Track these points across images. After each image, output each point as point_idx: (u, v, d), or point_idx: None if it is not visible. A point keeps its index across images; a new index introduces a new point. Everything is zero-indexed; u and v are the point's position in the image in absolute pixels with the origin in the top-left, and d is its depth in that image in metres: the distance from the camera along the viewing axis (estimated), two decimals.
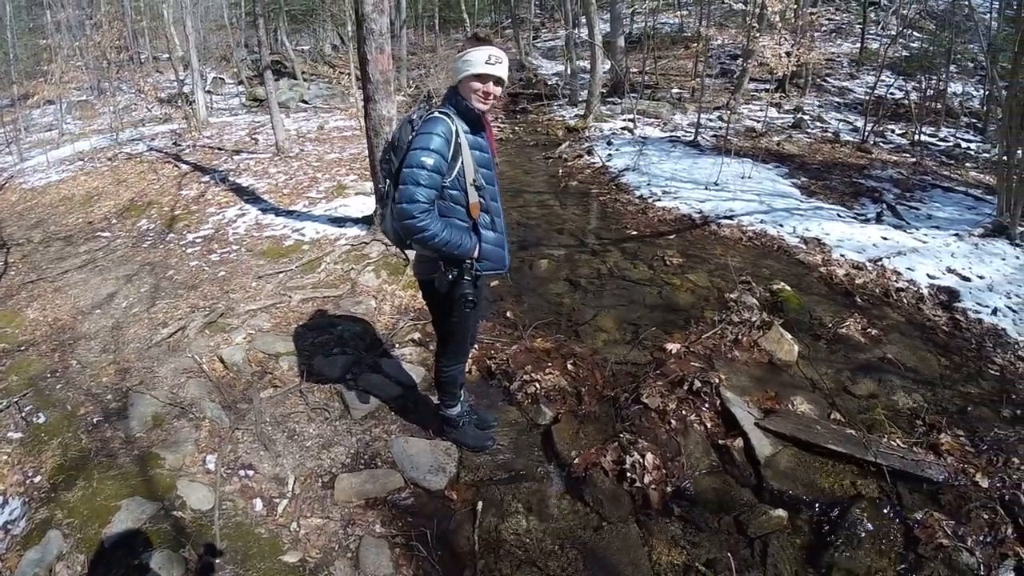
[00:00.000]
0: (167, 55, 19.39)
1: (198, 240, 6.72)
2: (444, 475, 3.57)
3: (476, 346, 4.65)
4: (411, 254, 3.84)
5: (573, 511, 3.40)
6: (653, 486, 3.51)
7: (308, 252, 6.19)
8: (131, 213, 7.85)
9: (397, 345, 4.81)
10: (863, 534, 3.28)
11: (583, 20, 15.91)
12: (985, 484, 3.59)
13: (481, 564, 3.07)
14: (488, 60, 2.77)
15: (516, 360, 4.59)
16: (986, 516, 3.39)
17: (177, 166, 9.63)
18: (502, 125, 13.94)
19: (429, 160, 2.70)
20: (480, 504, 3.37)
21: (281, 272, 5.77)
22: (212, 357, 4.51)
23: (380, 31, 5.67)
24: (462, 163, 2.82)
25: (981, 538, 3.28)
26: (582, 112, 13.90)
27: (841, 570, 3.10)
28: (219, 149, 10.62)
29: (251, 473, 3.53)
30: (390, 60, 5.83)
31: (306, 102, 16.03)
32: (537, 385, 4.27)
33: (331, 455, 3.72)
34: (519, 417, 4.09)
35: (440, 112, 2.80)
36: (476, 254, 2.96)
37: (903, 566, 3.14)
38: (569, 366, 4.50)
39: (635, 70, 16.25)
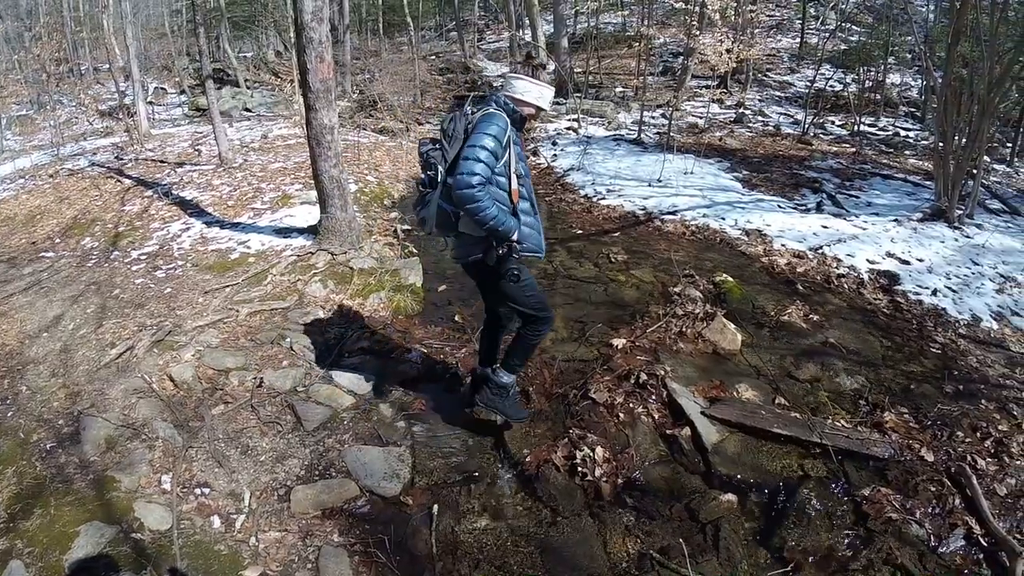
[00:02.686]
0: (108, 66, 18.87)
1: (143, 257, 6.58)
2: (399, 481, 3.59)
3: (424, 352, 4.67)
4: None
5: (527, 508, 3.45)
6: (604, 478, 3.57)
7: (254, 264, 6.10)
8: (75, 231, 7.64)
9: (347, 354, 4.80)
10: (812, 513, 3.40)
11: (527, 22, 15.95)
12: (931, 458, 3.74)
13: (440, 566, 3.10)
14: (550, 101, 3.46)
15: (466, 364, 4.62)
16: (933, 489, 3.53)
17: (120, 181, 9.39)
18: None
19: (490, 143, 3.09)
20: (436, 507, 3.40)
21: (228, 286, 5.68)
22: (162, 376, 4.44)
23: (320, 40, 5.63)
24: (509, 154, 3.22)
25: (929, 510, 3.41)
26: None
27: (793, 548, 3.20)
28: (162, 162, 10.38)
29: (207, 491, 3.51)
30: (330, 69, 5.79)
31: (249, 110, 15.75)
32: None
33: (285, 468, 3.70)
34: (471, 419, 4.10)
35: (496, 110, 3.22)
36: (515, 236, 3.25)
37: (854, 541, 3.26)
38: None
39: (579, 70, 16.35)
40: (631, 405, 4.08)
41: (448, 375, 4.56)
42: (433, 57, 23.51)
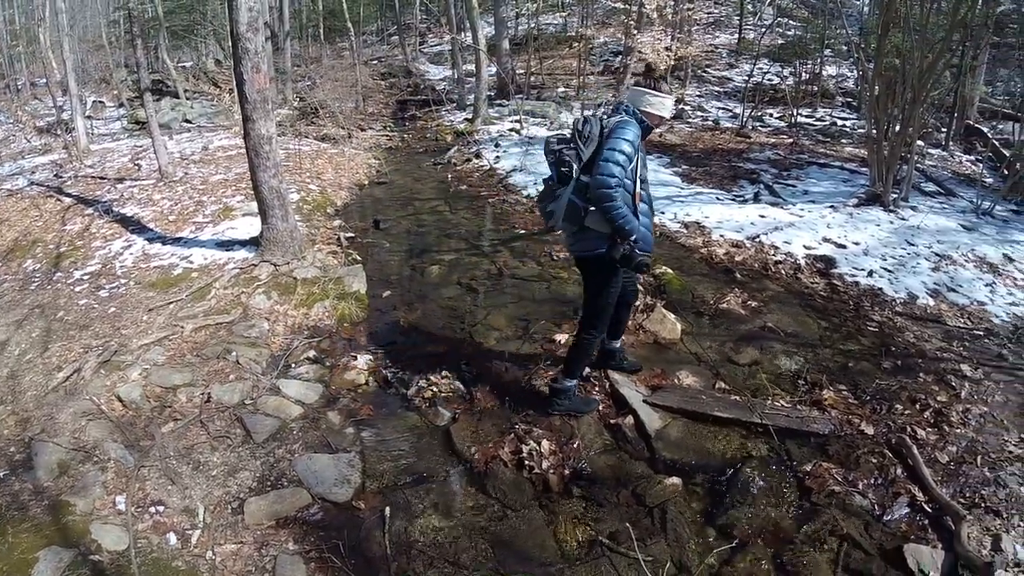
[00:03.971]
0: (45, 80, 18.30)
1: (86, 277, 6.45)
2: (350, 486, 3.63)
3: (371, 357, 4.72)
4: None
5: (478, 504, 3.51)
6: (552, 470, 3.64)
7: (197, 279, 6.03)
8: (16, 254, 7.43)
9: (293, 365, 4.81)
10: (756, 490, 3.51)
11: (468, 25, 16.01)
12: (871, 431, 3.90)
13: (395, 566, 3.13)
14: (672, 111, 3.75)
15: (411, 367, 4.67)
16: (875, 460, 3.67)
17: (60, 200, 9.13)
18: (391, 133, 13.84)
19: (628, 148, 3.42)
20: (388, 510, 3.43)
21: (171, 303, 5.61)
22: (110, 397, 4.40)
23: (255, 50, 5.60)
24: (637, 160, 3.52)
25: (872, 481, 3.55)
26: (470, 116, 13.95)
27: (739, 526, 3.31)
28: (102, 178, 10.14)
29: (162, 508, 3.50)
30: (267, 79, 5.77)
31: (189, 121, 15.40)
32: (434, 389, 4.37)
33: (238, 481, 3.71)
34: (419, 421, 4.17)
35: (631, 118, 3.54)
36: (635, 236, 3.53)
37: (799, 515, 3.38)
38: (463, 366, 4.61)
39: (521, 71, 16.41)
40: None
41: (395, 379, 4.59)
42: (375, 62, 23.39)
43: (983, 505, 3.38)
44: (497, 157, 10.82)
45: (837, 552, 3.15)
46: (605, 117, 3.59)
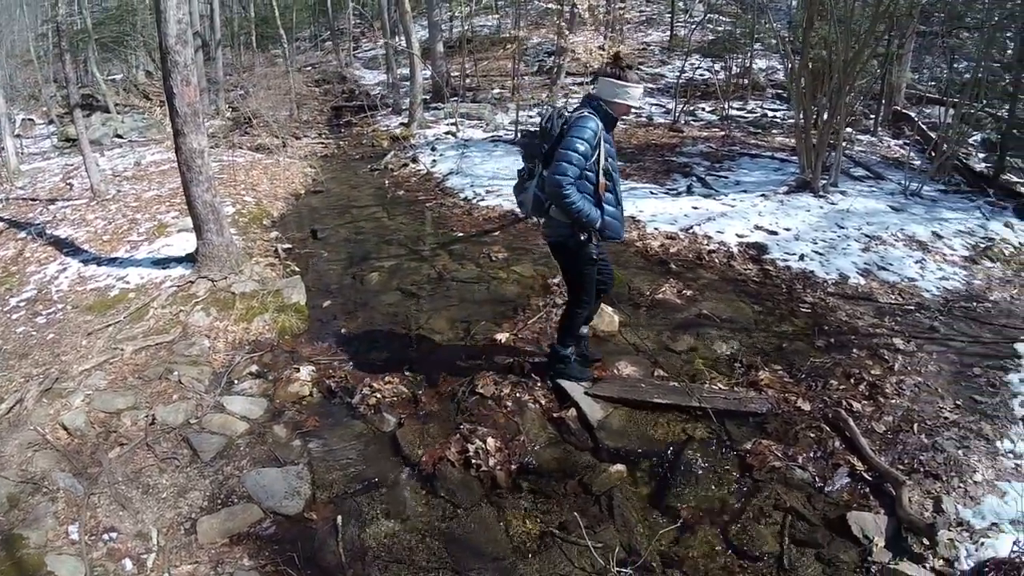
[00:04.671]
0: None
1: (22, 304, 6.26)
2: (300, 498, 3.64)
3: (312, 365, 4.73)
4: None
5: (429, 506, 3.57)
6: (499, 467, 3.73)
7: (135, 300, 5.91)
8: None
9: (236, 381, 4.78)
10: (699, 471, 3.64)
11: (401, 29, 15.94)
12: (807, 407, 4.06)
13: (350, 573, 3.17)
14: (639, 99, 3.77)
15: (354, 375, 4.70)
16: (813, 435, 3.82)
17: None
18: (326, 141, 13.67)
19: (581, 147, 3.50)
20: (340, 518, 3.46)
21: (110, 325, 5.49)
22: (54, 425, 4.31)
23: (185, 63, 5.53)
24: (599, 153, 3.60)
25: (811, 455, 3.69)
26: (406, 120, 13.88)
27: (684, 506, 3.43)
28: (34, 200, 9.82)
29: (115, 535, 3.48)
30: (197, 91, 5.70)
31: (121, 136, 14.94)
32: (378, 395, 4.40)
33: (188, 501, 3.70)
34: (365, 429, 4.20)
35: (590, 113, 3.59)
36: (599, 224, 3.67)
37: (742, 492, 3.51)
38: (406, 372, 4.66)
39: (456, 74, 16.40)
40: (518, 394, 4.25)
41: (339, 389, 4.60)
42: (309, 68, 23.07)
43: (922, 470, 3.55)
44: (434, 161, 10.83)
45: (782, 524, 3.28)
46: (568, 112, 3.69)
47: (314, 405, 4.50)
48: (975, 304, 5.60)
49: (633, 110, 4.02)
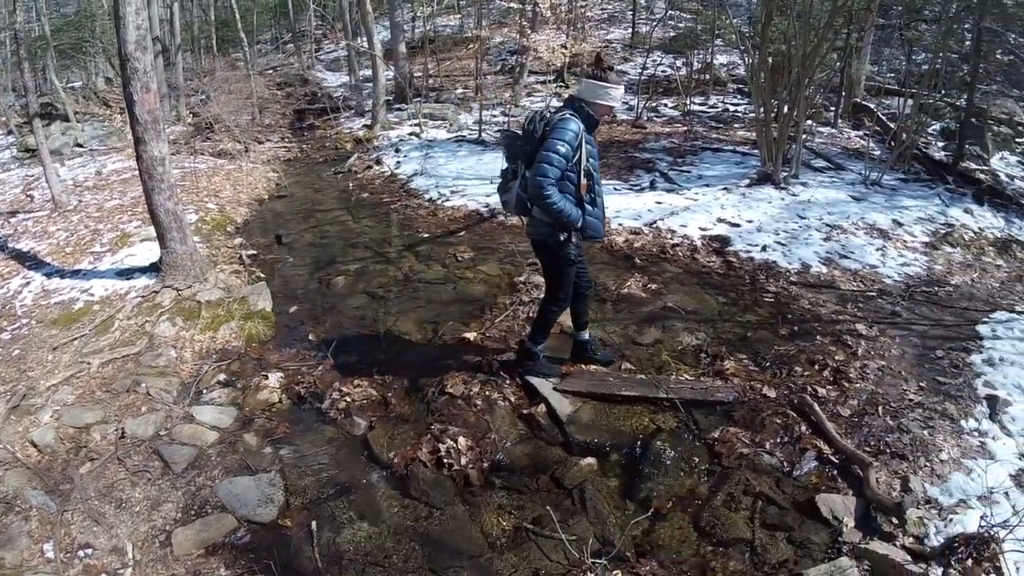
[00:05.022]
0: None
1: None
2: (273, 505, 3.65)
3: (282, 368, 4.72)
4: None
5: (402, 507, 3.59)
6: (471, 465, 3.77)
7: (100, 312, 5.83)
8: None
9: (205, 391, 4.75)
10: (669, 461, 3.71)
11: (364, 30, 15.80)
12: (773, 394, 4.15)
13: None
14: (620, 99, 3.86)
15: (323, 380, 4.69)
16: (779, 421, 3.91)
17: None
18: (289, 145, 13.48)
19: (563, 148, 3.57)
20: (314, 524, 3.48)
21: (76, 339, 5.41)
22: (24, 443, 4.26)
23: (144, 70, 5.46)
24: (580, 154, 3.66)
25: (779, 440, 3.78)
26: (369, 122, 13.71)
27: (656, 496, 3.50)
28: None
29: (90, 551, 3.46)
30: (157, 98, 5.63)
31: (81, 145, 14.59)
32: (348, 399, 4.41)
33: (162, 514, 3.69)
34: (336, 433, 4.21)
35: (571, 115, 3.66)
36: (579, 224, 3.76)
37: (711, 479, 3.59)
38: (375, 374, 4.66)
39: (419, 74, 16.29)
40: (487, 393, 4.28)
41: (308, 394, 4.60)
42: (270, 72, 22.69)
43: (889, 451, 3.64)
44: (398, 162, 10.74)
45: (752, 510, 3.36)
46: (551, 113, 3.74)
47: (284, 411, 4.49)
48: (936, 288, 5.75)
49: (614, 112, 4.05)
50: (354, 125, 14.41)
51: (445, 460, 3.78)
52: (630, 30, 19.81)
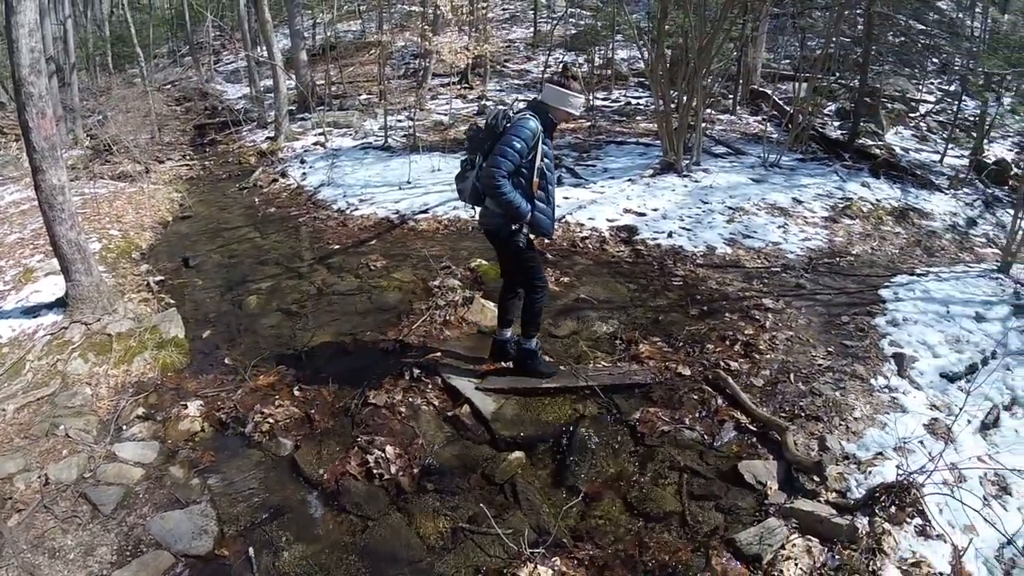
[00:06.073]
0: None
1: None
2: (208, 536, 3.60)
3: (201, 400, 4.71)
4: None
5: (338, 522, 3.61)
6: (401, 473, 3.83)
7: (9, 355, 5.54)
8: None
9: (125, 427, 4.61)
10: (594, 446, 3.88)
11: (263, 40, 15.48)
12: (688, 372, 4.38)
13: None
14: (582, 107, 4.14)
15: (244, 404, 4.61)
16: (696, 397, 4.14)
17: None
18: (191, 162, 13.01)
19: (519, 144, 3.75)
20: (252, 550, 3.45)
21: None
22: None
23: (40, 94, 5.20)
24: (535, 154, 3.84)
25: (697, 415, 4.02)
26: (272, 134, 13.44)
27: (585, 481, 3.65)
28: None
29: None
30: (54, 123, 5.39)
31: None
32: (271, 420, 4.36)
33: (97, 559, 3.58)
34: (262, 456, 4.15)
35: (531, 115, 3.84)
36: (528, 218, 3.94)
37: (637, 459, 3.77)
38: (296, 392, 4.64)
39: (321, 82, 16.00)
40: (410, 399, 4.34)
41: (229, 420, 4.53)
42: (168, 87, 21.75)
43: (803, 414, 3.91)
44: (304, 174, 10.60)
45: (679, 483, 3.56)
46: (511, 114, 3.92)
47: (207, 440, 4.40)
48: (838, 259, 6.14)
49: (574, 118, 4.41)
50: (257, 138, 14.03)
51: (375, 471, 3.82)
52: (532, 29, 20.09)
